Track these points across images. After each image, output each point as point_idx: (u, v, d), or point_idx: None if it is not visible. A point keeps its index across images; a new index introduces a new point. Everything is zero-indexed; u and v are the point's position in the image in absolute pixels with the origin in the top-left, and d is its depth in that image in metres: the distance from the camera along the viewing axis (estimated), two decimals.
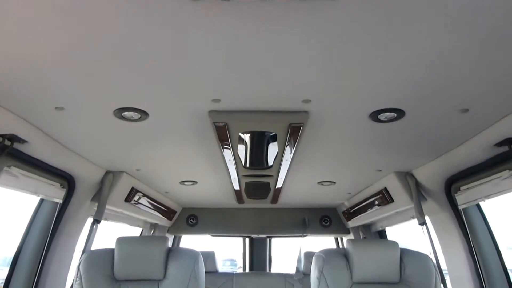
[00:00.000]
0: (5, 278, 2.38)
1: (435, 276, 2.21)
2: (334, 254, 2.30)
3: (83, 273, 2.17)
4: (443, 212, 2.62)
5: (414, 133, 1.95)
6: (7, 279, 2.37)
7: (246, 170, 2.68)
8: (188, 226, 4.43)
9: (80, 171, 2.49)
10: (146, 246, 2.26)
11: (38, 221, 2.51)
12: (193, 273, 2.20)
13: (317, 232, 4.39)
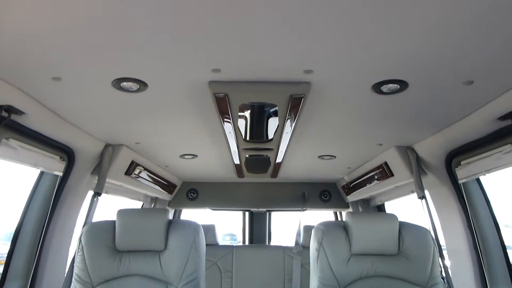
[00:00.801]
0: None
1: (433, 249, 2.22)
2: (334, 226, 2.32)
3: (85, 244, 2.19)
4: (443, 187, 2.62)
5: (417, 105, 1.92)
6: (9, 253, 2.39)
7: (246, 143, 2.66)
8: (188, 200, 4.46)
9: (80, 144, 2.47)
10: (146, 218, 2.26)
11: (38, 194, 2.52)
12: (194, 245, 2.21)
13: (317, 207, 4.42)
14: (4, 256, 2.41)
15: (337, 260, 2.18)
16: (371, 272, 2.17)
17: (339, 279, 2.15)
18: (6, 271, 2.36)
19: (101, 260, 2.16)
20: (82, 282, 2.12)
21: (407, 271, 2.16)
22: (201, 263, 2.23)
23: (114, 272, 2.16)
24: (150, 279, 2.15)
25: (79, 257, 2.18)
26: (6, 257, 2.39)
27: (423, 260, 2.18)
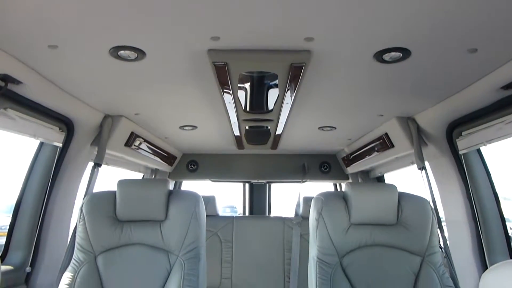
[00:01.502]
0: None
1: (432, 219, 2.24)
2: (333, 196, 2.33)
3: (86, 214, 2.20)
4: (443, 157, 2.62)
5: (419, 75, 1.90)
6: (11, 224, 2.41)
7: (246, 114, 2.65)
8: (188, 172, 4.47)
9: (79, 115, 2.46)
10: (147, 188, 2.27)
11: (38, 165, 2.52)
12: (194, 215, 2.23)
13: (316, 178, 4.44)
14: (6, 228, 2.43)
15: (336, 229, 2.20)
16: (369, 242, 2.20)
17: (338, 249, 2.18)
18: (9, 241, 2.39)
19: (103, 229, 2.18)
20: (84, 251, 2.15)
21: (406, 241, 2.19)
22: (202, 232, 2.25)
23: (116, 241, 2.18)
24: (151, 248, 2.18)
25: (81, 227, 2.20)
26: (8, 228, 2.42)
27: (422, 229, 2.20)
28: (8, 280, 2.21)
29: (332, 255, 2.16)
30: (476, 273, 2.47)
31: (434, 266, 2.14)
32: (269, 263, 3.71)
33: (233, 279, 3.66)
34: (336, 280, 2.10)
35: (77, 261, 2.13)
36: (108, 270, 2.12)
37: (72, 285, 2.05)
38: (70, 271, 2.10)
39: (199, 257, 2.16)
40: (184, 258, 2.14)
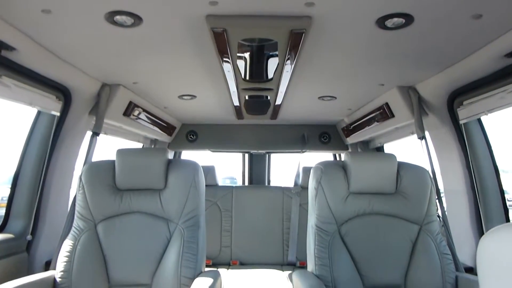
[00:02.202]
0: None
1: (431, 188, 2.24)
2: (332, 165, 2.32)
3: (85, 183, 2.21)
4: (443, 127, 2.61)
5: (422, 42, 1.86)
6: (11, 192, 2.42)
7: (246, 83, 2.61)
8: (188, 142, 4.46)
9: (76, 83, 2.43)
10: (146, 157, 2.27)
11: (36, 134, 2.51)
12: (193, 183, 2.23)
13: (316, 149, 4.43)
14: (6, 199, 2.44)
15: (335, 198, 2.21)
16: (368, 210, 2.21)
17: (336, 217, 2.19)
18: (9, 210, 2.40)
19: (102, 198, 2.19)
20: (84, 219, 2.16)
21: (404, 209, 2.20)
22: (201, 201, 2.26)
23: (115, 209, 2.19)
24: (151, 216, 2.19)
25: (80, 195, 2.20)
26: (8, 196, 2.43)
27: (420, 198, 2.21)
28: (10, 248, 2.24)
29: (330, 223, 2.18)
30: (473, 242, 2.50)
31: (431, 234, 2.16)
32: (268, 232, 3.75)
33: (232, 248, 3.71)
34: (334, 248, 2.12)
35: (77, 229, 2.15)
36: (108, 238, 2.14)
37: (73, 252, 2.07)
38: (70, 239, 2.12)
39: (198, 225, 2.18)
40: (184, 226, 2.16)
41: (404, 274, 2.10)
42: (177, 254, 2.08)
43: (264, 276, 3.23)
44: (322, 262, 2.09)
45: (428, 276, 2.06)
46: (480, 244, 0.72)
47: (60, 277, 2.01)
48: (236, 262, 3.66)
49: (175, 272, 2.03)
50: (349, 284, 2.05)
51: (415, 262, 2.11)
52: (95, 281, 2.04)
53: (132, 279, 2.08)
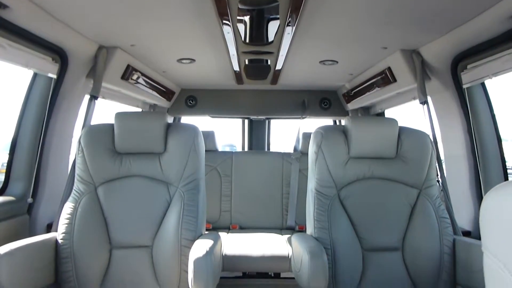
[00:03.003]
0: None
1: (431, 153, 2.24)
2: (333, 130, 2.31)
3: (85, 146, 2.20)
4: (446, 92, 2.58)
5: (426, 2, 1.80)
6: (10, 156, 2.41)
7: (246, 46, 2.56)
8: (187, 107, 4.43)
9: (72, 45, 2.37)
10: (145, 121, 2.25)
11: (33, 98, 2.47)
12: (193, 147, 2.22)
13: (316, 114, 4.41)
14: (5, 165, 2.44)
15: (335, 162, 2.21)
16: (368, 174, 2.21)
17: (336, 181, 2.19)
18: (9, 173, 2.40)
19: (102, 161, 2.18)
20: (84, 182, 2.16)
21: (404, 174, 2.20)
22: (201, 165, 2.26)
23: (115, 173, 2.19)
24: (151, 179, 2.20)
25: (80, 159, 2.20)
26: (7, 160, 2.42)
27: (420, 163, 2.21)
28: (11, 210, 2.25)
29: (330, 188, 2.18)
30: (472, 206, 2.52)
31: (430, 198, 2.17)
32: (267, 197, 3.78)
33: (232, 212, 3.75)
34: (334, 211, 2.13)
35: (78, 192, 2.15)
36: (109, 201, 2.15)
37: (74, 214, 2.08)
38: (71, 201, 2.13)
39: (198, 189, 2.19)
40: (184, 189, 2.16)
41: (402, 237, 2.12)
42: (177, 217, 2.09)
43: (264, 239, 3.28)
44: (321, 225, 2.11)
45: (426, 239, 2.08)
46: (485, 200, 0.71)
47: (61, 239, 2.03)
48: (236, 226, 3.71)
49: (176, 234, 2.05)
50: (348, 247, 2.08)
51: (413, 226, 2.13)
52: (96, 243, 2.06)
53: (133, 241, 2.10)
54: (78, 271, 2.00)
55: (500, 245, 0.66)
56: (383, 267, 2.08)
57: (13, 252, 1.76)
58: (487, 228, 0.71)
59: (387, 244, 2.11)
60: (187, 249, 1.99)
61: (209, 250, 1.82)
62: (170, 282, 2.01)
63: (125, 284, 2.03)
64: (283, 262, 2.93)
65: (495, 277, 0.66)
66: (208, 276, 1.76)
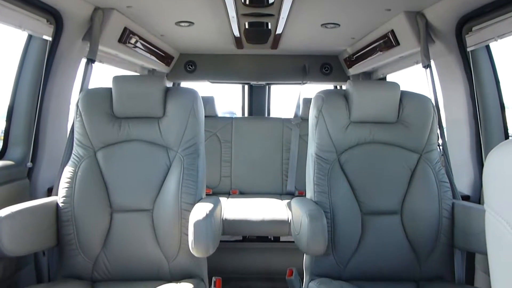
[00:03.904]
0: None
1: (433, 117, 2.21)
2: (334, 94, 2.28)
3: (83, 110, 2.17)
4: (450, 55, 2.53)
5: None
6: (7, 121, 2.38)
7: (246, 8, 2.49)
8: (186, 73, 4.37)
9: (67, 6, 2.31)
10: (143, 85, 2.21)
11: (29, 61, 2.42)
12: (192, 111, 2.19)
13: (317, 80, 4.35)
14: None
15: (335, 127, 2.19)
16: (368, 139, 2.19)
17: (336, 146, 2.18)
18: (7, 138, 2.38)
19: (100, 125, 2.16)
20: (84, 147, 2.15)
21: (404, 138, 2.18)
22: (200, 129, 2.24)
23: (114, 137, 2.17)
24: (150, 144, 2.18)
25: (78, 123, 2.17)
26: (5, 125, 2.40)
27: (421, 127, 2.19)
28: (11, 174, 2.25)
29: (330, 152, 2.17)
30: (472, 171, 2.52)
31: (430, 163, 2.16)
32: (267, 162, 3.79)
33: (232, 178, 3.77)
34: (333, 176, 2.13)
35: (77, 156, 2.14)
36: (108, 165, 2.14)
37: (74, 178, 2.08)
38: (70, 165, 2.12)
39: (198, 153, 2.17)
40: (183, 154, 2.15)
41: (401, 201, 2.13)
42: (177, 181, 2.09)
43: (263, 203, 3.31)
44: (321, 189, 2.12)
45: (425, 203, 2.09)
46: (488, 157, 0.70)
47: (62, 202, 2.04)
48: (236, 191, 3.74)
49: (176, 198, 2.06)
50: (347, 210, 2.09)
51: (412, 190, 2.13)
52: (97, 206, 2.07)
53: (133, 205, 2.11)
54: (80, 233, 2.01)
55: (503, 203, 0.65)
56: (382, 231, 2.09)
57: (14, 215, 1.77)
58: (490, 186, 0.69)
59: (386, 208, 2.12)
60: (187, 212, 1.99)
61: (209, 213, 1.83)
62: (171, 245, 2.03)
63: (127, 246, 2.05)
64: (283, 226, 2.96)
65: (497, 235, 0.65)
66: (208, 238, 1.78)
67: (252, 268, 3.19)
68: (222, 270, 3.01)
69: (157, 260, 2.04)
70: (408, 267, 2.06)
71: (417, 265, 2.06)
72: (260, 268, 3.18)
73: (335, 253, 2.05)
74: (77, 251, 2.01)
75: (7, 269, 2.05)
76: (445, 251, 2.06)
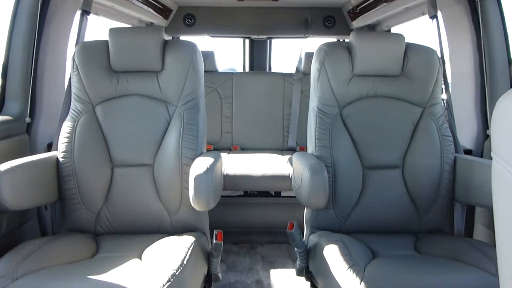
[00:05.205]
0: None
1: (438, 70, 2.16)
2: (337, 46, 2.21)
3: (79, 64, 2.12)
4: (457, 5, 2.43)
5: None
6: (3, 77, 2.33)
7: None
8: (185, 27, 4.25)
9: None
10: (140, 36, 2.15)
11: (21, 16, 2.32)
12: (192, 64, 2.14)
13: (320, 33, 4.23)
14: None
15: (338, 80, 2.14)
16: (371, 93, 2.15)
17: (338, 99, 2.14)
18: (4, 93, 2.34)
19: (98, 79, 2.12)
20: (82, 101, 2.12)
21: (408, 92, 2.14)
22: (200, 83, 2.19)
23: (113, 92, 2.13)
24: (149, 98, 2.14)
25: (75, 77, 2.13)
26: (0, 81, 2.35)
27: (426, 80, 2.14)
28: (9, 129, 2.23)
29: (332, 106, 2.14)
30: (475, 126, 2.48)
31: (434, 116, 2.13)
32: (269, 118, 3.76)
33: (233, 134, 3.76)
34: (335, 130, 2.11)
35: (75, 111, 2.11)
36: (108, 120, 2.12)
37: (73, 133, 2.06)
38: (69, 120, 2.10)
39: (198, 108, 2.14)
40: (183, 108, 2.12)
41: (403, 155, 2.11)
42: (177, 136, 2.07)
43: (265, 159, 3.31)
44: (322, 144, 2.10)
45: (427, 157, 2.07)
46: (497, 105, 0.67)
47: (62, 157, 2.03)
48: (237, 147, 3.74)
49: (176, 152, 2.05)
50: (348, 165, 2.08)
51: (415, 143, 2.11)
52: (97, 161, 2.06)
53: (134, 160, 2.10)
54: (81, 188, 2.02)
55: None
56: (383, 185, 2.10)
57: (14, 169, 1.77)
58: (498, 133, 0.67)
59: (388, 162, 2.11)
60: (188, 167, 1.99)
61: (210, 167, 1.82)
62: (172, 199, 2.04)
63: (128, 201, 2.06)
64: (284, 181, 2.98)
65: (504, 182, 0.64)
66: (209, 191, 1.78)
67: (253, 222, 3.24)
68: (224, 224, 3.06)
69: (159, 214, 2.06)
70: (408, 220, 2.08)
71: (417, 218, 2.07)
72: (261, 222, 3.23)
73: (335, 206, 2.06)
74: (79, 205, 2.02)
75: (11, 223, 2.07)
76: (446, 204, 2.07)
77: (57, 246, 1.79)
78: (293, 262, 2.88)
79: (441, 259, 1.74)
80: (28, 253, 1.64)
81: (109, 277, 1.50)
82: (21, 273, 1.52)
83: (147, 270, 1.58)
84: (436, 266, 1.66)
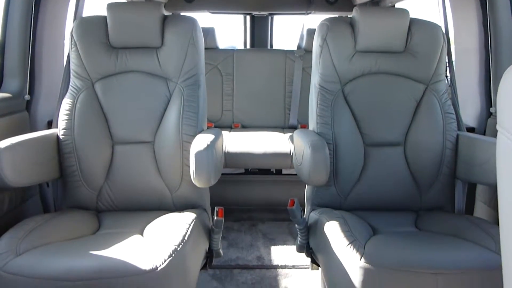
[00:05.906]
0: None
1: (442, 46, 2.12)
2: (339, 21, 2.17)
3: (77, 40, 2.09)
4: None
5: None
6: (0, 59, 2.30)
7: None
8: (185, 3, 4.17)
9: None
10: (139, 12, 2.11)
11: None
12: (192, 40, 2.11)
13: (322, 10, 4.15)
14: None
15: (340, 56, 2.11)
16: (374, 69, 2.13)
17: (341, 76, 2.12)
18: (2, 71, 2.31)
19: (97, 56, 2.09)
20: (81, 78, 2.09)
21: (411, 68, 2.11)
22: (200, 59, 2.16)
23: (112, 68, 2.11)
24: (149, 75, 2.12)
25: (74, 53, 2.10)
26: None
27: (430, 57, 2.11)
28: (9, 107, 2.21)
29: (334, 83, 2.11)
30: (478, 103, 2.46)
31: (437, 93, 2.11)
32: (270, 95, 3.74)
33: (234, 111, 3.74)
34: (337, 107, 2.09)
35: (74, 88, 2.09)
36: (107, 97, 2.10)
37: (73, 110, 2.05)
38: (68, 97, 2.08)
39: (198, 84, 2.12)
40: (183, 85, 2.10)
41: (405, 132, 2.10)
42: (177, 113, 2.06)
43: (266, 136, 3.30)
44: (323, 121, 2.09)
45: (429, 134, 2.06)
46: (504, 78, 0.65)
47: (62, 134, 2.02)
48: (238, 125, 3.72)
49: (176, 129, 2.03)
50: (350, 142, 2.07)
51: (417, 121, 2.09)
52: (98, 138, 2.06)
53: (134, 137, 2.09)
54: (82, 165, 2.02)
55: None
56: (384, 162, 2.09)
57: (14, 146, 1.76)
58: (504, 106, 0.65)
59: (390, 139, 2.10)
60: (188, 144, 1.98)
61: (210, 143, 1.81)
62: (173, 176, 2.04)
63: (129, 178, 2.06)
64: (285, 159, 2.97)
65: (509, 154, 0.62)
66: (209, 168, 1.77)
67: (254, 200, 3.26)
68: (225, 201, 3.07)
69: (160, 191, 2.06)
70: (408, 197, 2.08)
71: (418, 196, 2.07)
72: (262, 200, 3.25)
73: (336, 184, 2.06)
74: (80, 182, 2.02)
75: (13, 200, 2.08)
76: (447, 182, 2.06)
77: (59, 222, 1.80)
78: (293, 239, 2.90)
79: (441, 235, 1.74)
80: (30, 229, 1.65)
81: (111, 252, 1.51)
82: (24, 249, 1.53)
83: (149, 245, 1.59)
84: (436, 243, 1.67)
